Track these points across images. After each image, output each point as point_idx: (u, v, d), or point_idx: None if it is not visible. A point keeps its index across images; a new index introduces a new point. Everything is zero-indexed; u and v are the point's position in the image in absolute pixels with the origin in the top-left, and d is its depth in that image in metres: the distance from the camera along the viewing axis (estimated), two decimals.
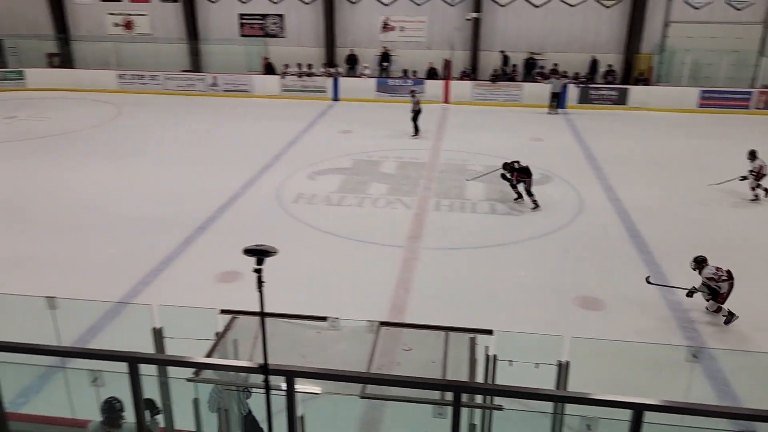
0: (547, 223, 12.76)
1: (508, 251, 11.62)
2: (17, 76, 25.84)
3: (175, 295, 9.39)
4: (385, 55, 25.09)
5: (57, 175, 15.51)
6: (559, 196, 14.29)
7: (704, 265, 9.02)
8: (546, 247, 11.77)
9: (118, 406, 4.98)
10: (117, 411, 4.97)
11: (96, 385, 5.27)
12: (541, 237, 12.16)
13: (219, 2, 26.01)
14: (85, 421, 5.59)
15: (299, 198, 14.03)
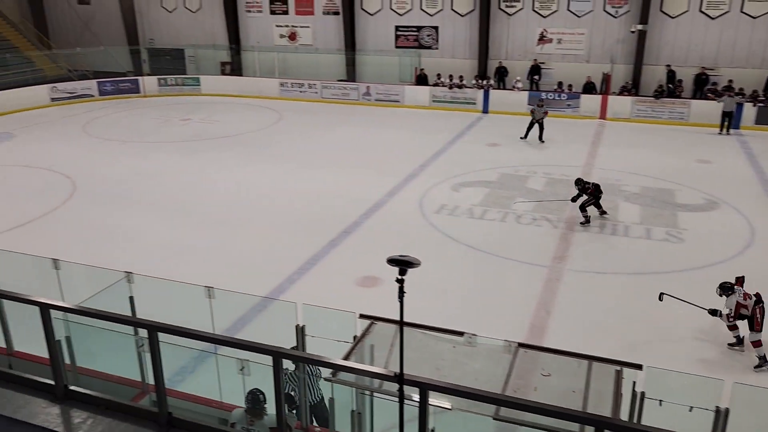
0: (710, 254, 11.66)
1: (664, 281, 10.73)
2: (194, 83, 28.49)
3: (317, 294, 9.74)
4: (536, 68, 24.44)
5: (220, 173, 16.82)
6: (727, 226, 13.01)
7: (731, 292, 8.35)
8: (707, 280, 10.73)
9: (261, 398, 5.21)
10: (260, 402, 5.21)
11: (242, 374, 5.59)
12: (702, 268, 11.13)
13: (377, 15, 26.88)
14: (231, 406, 5.95)
15: (442, 209, 14.04)
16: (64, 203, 14.65)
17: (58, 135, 21.21)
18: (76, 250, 11.30)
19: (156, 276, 7.79)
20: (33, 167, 17.42)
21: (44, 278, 7.63)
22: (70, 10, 32.57)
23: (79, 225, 13.31)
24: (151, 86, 28.17)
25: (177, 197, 14.99)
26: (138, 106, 26.15)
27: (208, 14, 30.09)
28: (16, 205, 14.51)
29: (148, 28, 31.51)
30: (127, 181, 16.20)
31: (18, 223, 13.32)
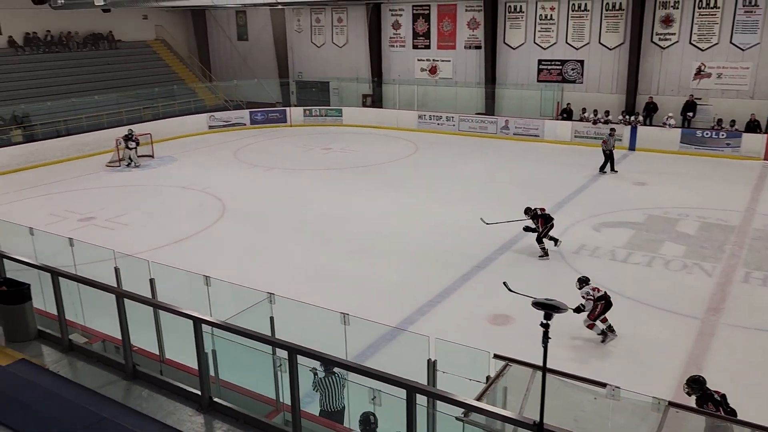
0: None
1: None
2: (336, 113, 29.80)
3: (447, 329, 9.59)
4: (691, 104, 22.81)
5: (357, 202, 17.30)
6: None
7: (584, 285, 9.88)
8: None
9: (372, 419, 5.14)
10: (371, 424, 5.13)
11: (373, 404, 5.57)
12: None
13: (519, 48, 26.63)
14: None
15: (581, 249, 13.39)
16: (215, 223, 15.76)
17: (212, 160, 23.00)
18: (224, 267, 12.06)
19: (294, 298, 8.07)
20: (190, 188, 18.97)
21: (196, 293, 8.17)
22: (230, 47, 35.53)
23: (227, 244, 14.23)
24: (297, 116, 29.83)
25: (316, 223, 15.57)
26: (284, 134, 27.75)
27: (353, 49, 31.47)
28: (174, 222, 15.84)
29: (298, 62, 33.53)
30: (271, 205, 17.12)
31: (175, 239, 14.50)
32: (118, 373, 5.95)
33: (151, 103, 28.19)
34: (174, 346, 7.14)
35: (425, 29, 28.93)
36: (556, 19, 25.50)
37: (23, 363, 5.86)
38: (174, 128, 27.01)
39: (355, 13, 30.81)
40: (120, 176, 20.93)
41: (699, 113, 22.93)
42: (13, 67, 27.07)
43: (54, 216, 16.18)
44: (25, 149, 22.50)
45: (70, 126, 24.79)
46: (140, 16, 33.05)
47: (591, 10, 24.66)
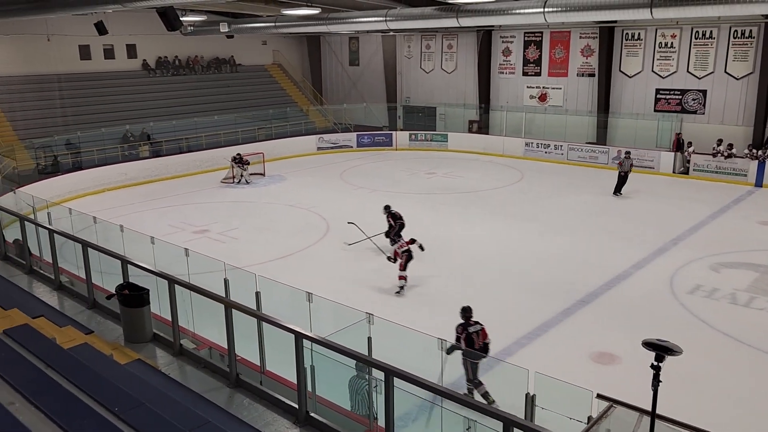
0: None
1: None
2: (442, 139, 29.91)
3: (547, 363, 9.23)
4: None
5: (461, 227, 17.19)
6: None
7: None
8: None
9: None
10: None
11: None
12: None
13: (636, 77, 25.62)
14: None
15: (697, 290, 12.53)
16: (319, 241, 16.20)
17: (319, 180, 23.74)
18: (325, 285, 12.34)
19: (392, 319, 8.10)
20: (296, 207, 19.67)
21: (297, 308, 8.40)
22: (342, 71, 36.75)
23: (329, 262, 14.56)
24: (403, 140, 30.24)
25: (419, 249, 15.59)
26: (389, 158, 28.19)
27: (462, 75, 31.56)
28: (281, 239, 16.44)
29: (406, 87, 34.08)
30: (373, 227, 17.35)
31: (280, 255, 15.04)
32: (222, 380, 6.21)
33: (265, 124, 29.67)
34: (273, 359, 7.37)
35: (536, 56, 28.54)
36: (677, 47, 24.33)
37: (139, 363, 6.26)
38: (285, 148, 28.22)
39: (466, 40, 30.96)
40: (233, 192, 22.07)
41: None
42: (145, 88, 29.49)
43: (172, 227, 17.29)
44: (151, 164, 24.32)
45: (191, 143, 26.56)
46: (260, 42, 35.02)
47: (717, 37, 23.32)
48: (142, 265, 7.27)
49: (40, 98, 26.08)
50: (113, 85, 28.51)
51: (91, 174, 22.45)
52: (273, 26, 24.68)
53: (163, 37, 25.51)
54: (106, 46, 28.65)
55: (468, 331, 8.62)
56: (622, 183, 20.37)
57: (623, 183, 20.34)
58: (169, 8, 15.32)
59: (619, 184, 20.37)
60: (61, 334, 6.79)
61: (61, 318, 7.44)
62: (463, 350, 8.37)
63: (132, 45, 29.73)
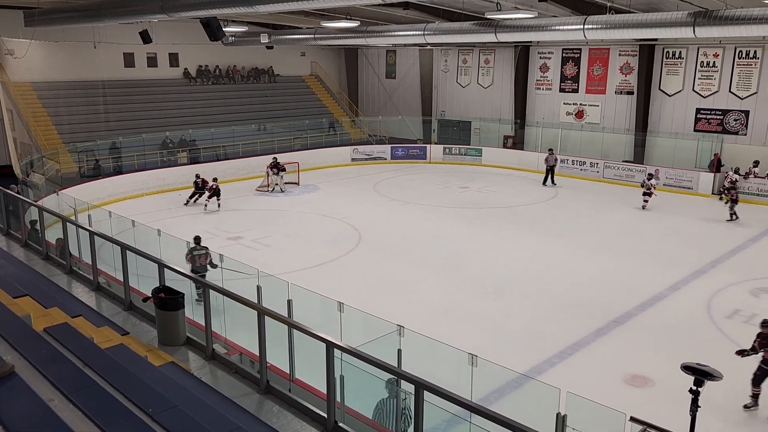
0: None
1: None
2: (476, 153, 29.82)
3: (578, 383, 9.09)
4: None
5: (494, 243, 17.09)
6: None
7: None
8: None
9: None
10: None
11: None
12: None
13: (675, 96, 25.22)
14: None
15: (735, 314, 12.21)
16: (350, 252, 16.27)
17: (352, 191, 23.88)
18: (356, 295, 12.38)
19: (423, 333, 8.08)
20: (329, 217, 19.80)
21: (328, 318, 8.45)
22: (378, 84, 37.01)
23: (361, 273, 14.62)
24: (437, 154, 30.24)
25: (450, 260, 15.57)
26: (422, 171, 28.21)
27: (498, 90, 31.49)
28: (314, 248, 16.57)
29: (442, 101, 34.14)
30: (406, 239, 17.40)
31: (312, 264, 15.15)
32: (253, 386, 6.27)
33: (301, 134, 30.02)
34: (302, 367, 7.41)
35: (574, 72, 28.33)
36: (719, 67, 23.89)
37: (172, 366, 6.35)
38: (320, 158, 28.48)
39: (503, 55, 30.91)
40: (267, 200, 22.34)
41: None
42: (185, 96, 30.15)
43: (207, 233, 17.55)
44: (188, 170, 24.76)
45: (228, 151, 27.00)
46: (298, 53, 35.53)
47: (761, 57, 22.84)
48: (177, 269, 7.41)
49: (85, 104, 26.87)
50: (155, 93, 29.23)
51: (131, 178, 22.99)
52: (312, 38, 25.03)
53: (205, 46, 26.08)
54: (150, 55, 29.41)
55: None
56: (548, 174, 24.50)
57: (547, 175, 24.58)
58: (213, 19, 15.68)
59: (546, 176, 24.57)
60: (99, 334, 6.94)
61: (98, 318, 7.60)
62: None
63: (174, 54, 30.45)
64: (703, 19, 14.42)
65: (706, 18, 14.38)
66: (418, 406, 4.92)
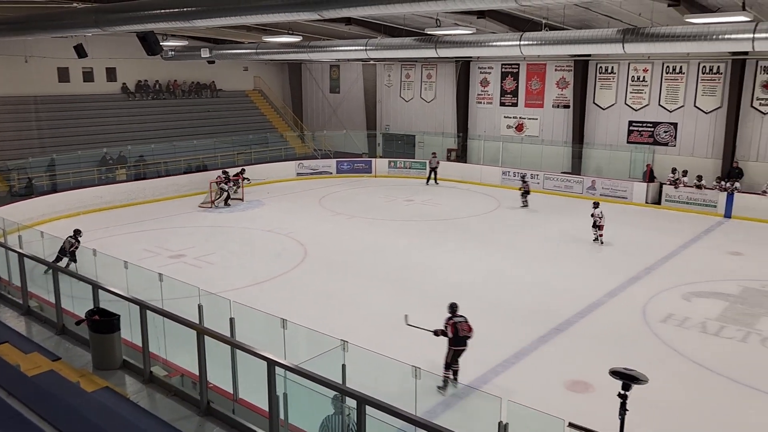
0: None
1: None
2: (421, 166, 30.13)
3: (521, 391, 9.28)
4: None
5: (438, 255, 17.26)
6: None
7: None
8: None
9: None
10: None
11: None
12: None
13: (609, 109, 26.21)
14: None
15: (669, 318, 12.70)
16: (296, 267, 16.14)
17: (297, 206, 23.73)
18: (301, 311, 12.28)
19: (369, 347, 8.07)
20: (274, 232, 19.60)
21: (272, 335, 8.34)
22: (323, 98, 37.03)
23: (307, 288, 14.50)
24: (382, 168, 30.43)
25: (396, 273, 15.63)
26: (368, 185, 28.31)
27: (441, 104, 32.01)
28: (259, 264, 16.36)
29: (386, 115, 34.42)
30: (352, 253, 17.39)
31: (257, 281, 14.95)
32: (193, 408, 6.13)
33: (244, 149, 29.68)
34: (249, 386, 7.29)
35: (513, 87, 29.09)
36: (648, 81, 25.00)
37: (107, 391, 6.15)
38: (264, 173, 28.21)
39: (445, 70, 31.46)
40: (210, 217, 21.95)
41: None
42: (123, 111, 29.38)
43: (147, 251, 17.11)
44: (127, 187, 24.13)
45: (170, 167, 26.44)
46: (241, 67, 35.21)
47: (686, 73, 24.03)
48: (113, 290, 7.19)
49: (16, 120, 25.79)
50: (91, 108, 28.36)
51: (65, 197, 22.19)
52: (254, 53, 24.88)
53: (143, 61, 25.48)
54: (86, 69, 28.56)
55: (454, 321, 10.01)
56: (431, 174, 27.82)
57: (430, 175, 27.88)
58: (150, 33, 15.37)
59: (429, 176, 27.86)
60: (26, 360, 6.65)
61: (26, 344, 7.28)
62: (434, 332, 10.12)
63: (112, 68, 29.67)
64: (631, 36, 15.08)
65: (634, 35, 15.06)
66: (361, 422, 4.92)
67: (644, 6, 16.39)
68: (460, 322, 9.98)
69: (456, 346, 9.89)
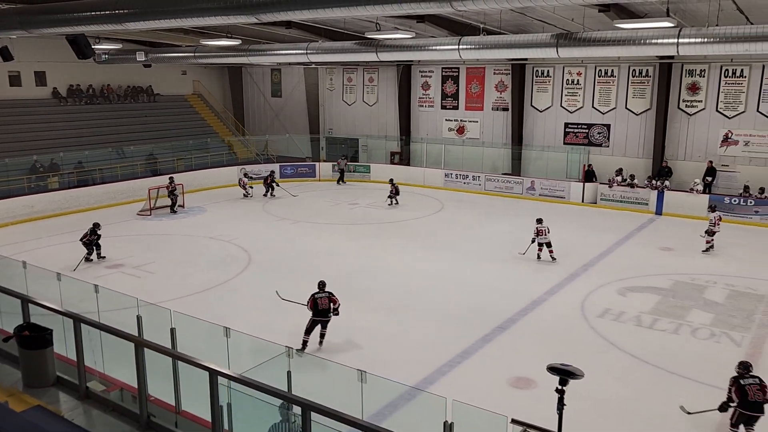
0: None
1: None
2: (364, 170, 30.25)
3: (467, 390, 9.42)
4: (711, 170, 22.75)
5: (383, 258, 17.34)
6: None
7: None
8: None
9: None
10: None
11: None
12: None
13: (546, 111, 26.96)
14: None
15: (606, 313, 13.16)
16: (240, 274, 15.91)
17: (240, 212, 23.38)
18: (246, 319, 12.11)
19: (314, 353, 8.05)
20: (217, 239, 19.25)
21: (214, 344, 8.20)
22: (264, 103, 36.64)
23: (252, 295, 14.31)
24: (326, 171, 30.34)
25: (341, 277, 15.57)
26: (312, 189, 28.16)
27: (383, 108, 32.19)
28: (201, 272, 16.02)
29: (329, 119, 34.35)
30: (298, 258, 17.25)
31: (199, 289, 14.64)
32: (133, 423, 5.96)
33: (184, 155, 29.02)
34: (192, 397, 7.13)
35: (454, 90, 29.53)
36: (582, 84, 25.85)
37: (39, 410, 5.90)
38: (205, 179, 27.69)
39: (386, 74, 31.66)
40: (150, 225, 21.37)
41: (726, 180, 22.82)
42: (55, 117, 28.25)
43: (83, 262, 16.49)
44: (60, 196, 23.20)
45: (106, 175, 25.59)
46: (179, 71, 34.44)
47: (617, 76, 24.98)
48: (44, 304, 6.91)
49: None
50: (19, 114, 27.10)
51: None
52: (192, 56, 24.38)
53: (75, 64, 24.60)
54: (12, 73, 27.34)
55: (315, 296, 11.26)
56: (341, 176, 29.21)
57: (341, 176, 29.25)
58: (80, 36, 14.85)
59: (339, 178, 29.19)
60: None
61: None
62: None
63: (41, 72, 28.50)
64: (564, 40, 15.57)
65: (567, 39, 15.55)
66: (306, 428, 4.89)
67: (576, 12, 16.95)
68: (320, 297, 11.24)
69: (314, 317, 11.19)
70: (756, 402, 8.05)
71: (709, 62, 22.84)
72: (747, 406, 8.08)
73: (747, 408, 8.08)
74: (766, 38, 13.21)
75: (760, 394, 8.05)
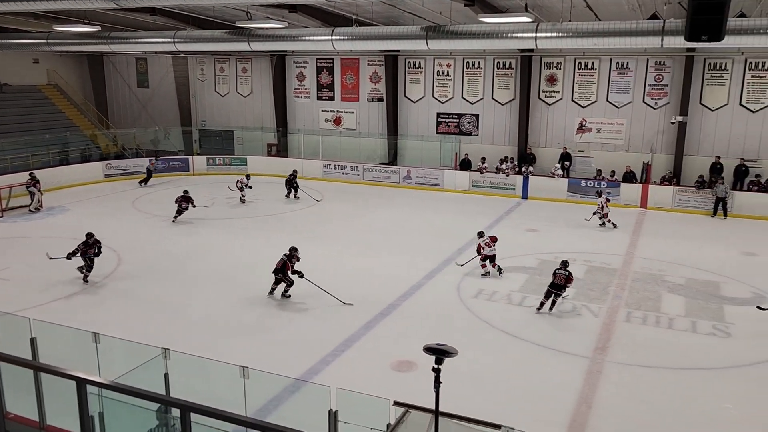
0: (759, 351, 11.13)
1: (709, 377, 10.28)
2: (241, 162, 29.52)
3: (352, 378, 9.59)
4: (566, 155, 24.76)
5: (262, 252, 17.06)
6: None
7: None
8: (757, 378, 10.22)
9: None
10: None
11: None
12: (752, 366, 10.60)
13: (419, 102, 27.77)
14: None
15: (480, 294, 13.89)
16: (109, 276, 15.04)
17: (108, 210, 22.03)
18: (117, 323, 11.51)
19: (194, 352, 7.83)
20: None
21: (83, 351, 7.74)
22: (130, 94, 34.64)
23: (124, 298, 13.59)
24: (201, 165, 29.29)
25: (219, 274, 15.21)
26: (186, 183, 27.04)
27: (258, 99, 31.58)
28: (65, 276, 14.93)
29: (201, 111, 33.16)
30: (173, 256, 16.59)
31: (64, 295, 13.68)
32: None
33: (40, 150, 26.77)
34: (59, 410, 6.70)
35: (329, 81, 29.59)
36: (452, 76, 26.89)
37: None
38: (66, 176, 25.75)
39: (260, 64, 31.06)
40: (2, 227, 19.58)
41: (581, 164, 24.82)
42: None
43: None
44: None
45: None
46: (31, 59, 31.68)
47: (483, 68, 26.24)
48: None
49: None
50: None
51: None
52: (45, 43, 22.50)
53: None
54: None
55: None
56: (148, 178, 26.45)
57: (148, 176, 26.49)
58: None
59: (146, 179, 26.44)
60: None
61: None
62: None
63: None
64: (433, 33, 16.10)
65: (436, 32, 16.08)
66: (186, 430, 4.78)
67: (444, 5, 17.58)
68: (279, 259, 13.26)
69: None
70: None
71: (564, 55, 24.63)
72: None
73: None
74: (612, 33, 14.49)
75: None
